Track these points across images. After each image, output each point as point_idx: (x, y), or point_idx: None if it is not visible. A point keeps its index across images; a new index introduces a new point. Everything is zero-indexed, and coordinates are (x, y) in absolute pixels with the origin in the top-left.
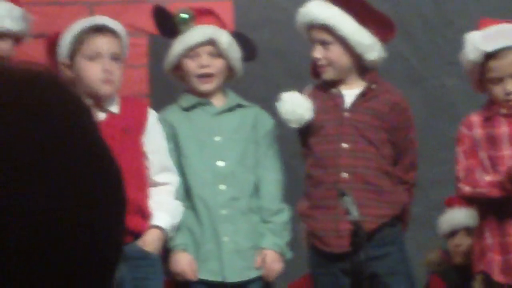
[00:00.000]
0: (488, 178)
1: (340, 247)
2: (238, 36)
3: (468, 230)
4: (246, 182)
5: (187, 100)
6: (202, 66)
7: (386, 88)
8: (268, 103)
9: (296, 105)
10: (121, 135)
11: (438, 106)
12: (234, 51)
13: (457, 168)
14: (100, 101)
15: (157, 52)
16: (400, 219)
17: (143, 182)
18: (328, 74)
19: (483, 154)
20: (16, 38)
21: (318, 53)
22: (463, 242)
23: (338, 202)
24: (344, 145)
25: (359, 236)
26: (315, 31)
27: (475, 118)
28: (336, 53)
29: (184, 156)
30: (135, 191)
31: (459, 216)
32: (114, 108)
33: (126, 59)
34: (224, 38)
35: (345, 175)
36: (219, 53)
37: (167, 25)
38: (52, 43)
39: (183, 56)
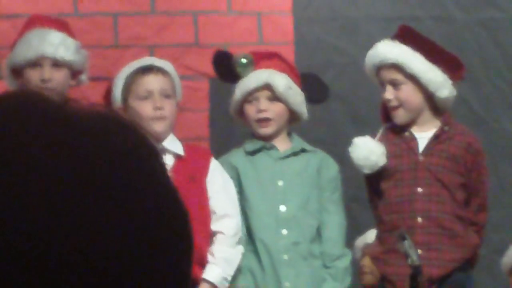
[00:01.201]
0: None
1: None
2: (308, 78)
3: None
4: (308, 227)
5: (252, 144)
6: (260, 111)
7: (460, 130)
8: (329, 147)
9: (370, 151)
10: (188, 182)
11: (500, 150)
12: (294, 95)
13: None
14: (157, 140)
15: (217, 96)
16: (470, 262)
17: (207, 230)
18: (400, 118)
19: None
20: (72, 71)
21: (389, 94)
22: None
23: (397, 245)
24: (419, 190)
25: (418, 281)
26: (385, 71)
27: None
28: (408, 92)
29: (247, 200)
30: (199, 239)
31: None
32: (180, 151)
33: (182, 100)
34: (280, 82)
35: (420, 219)
36: (276, 97)
37: (227, 70)
38: (108, 92)
39: (243, 101)
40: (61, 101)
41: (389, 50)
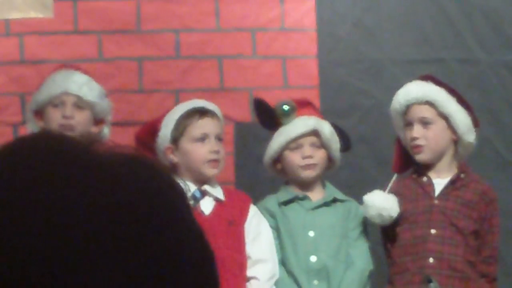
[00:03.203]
0: None
1: None
2: (334, 127)
3: None
4: (338, 276)
5: (285, 194)
6: (305, 157)
7: (475, 178)
8: (354, 189)
9: (380, 208)
10: (227, 226)
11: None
12: (335, 142)
13: None
14: (205, 182)
15: (242, 140)
16: None
17: (244, 275)
18: (424, 155)
19: None
20: (94, 116)
21: (418, 132)
22: None
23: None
24: (433, 231)
25: None
26: (416, 109)
27: None
28: (437, 131)
29: (282, 249)
30: (237, 283)
31: None
32: (220, 195)
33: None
34: (326, 129)
35: (431, 260)
36: (321, 144)
37: (268, 117)
38: (151, 130)
39: (285, 148)
40: (87, 143)
41: (423, 88)
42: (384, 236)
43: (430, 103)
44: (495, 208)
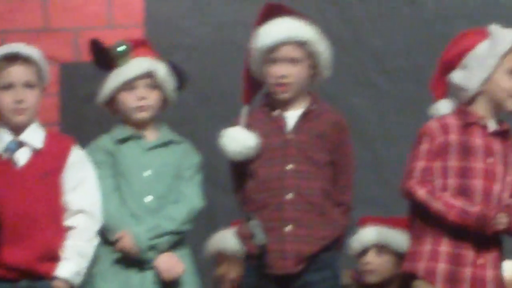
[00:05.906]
0: (456, 201)
1: (284, 269)
2: (171, 66)
3: (378, 248)
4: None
5: (121, 131)
6: (140, 99)
7: (326, 108)
8: (178, 127)
9: (243, 144)
10: (41, 179)
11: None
12: (170, 82)
13: (413, 164)
14: (18, 130)
15: (67, 81)
16: (337, 242)
17: (59, 227)
18: (289, 94)
19: (452, 163)
20: None
21: (285, 70)
22: (373, 260)
23: (246, 225)
24: (289, 167)
25: (265, 260)
26: (286, 48)
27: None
28: (302, 70)
29: (118, 188)
30: (49, 236)
31: (369, 234)
32: (38, 143)
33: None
34: (161, 70)
35: (290, 196)
36: (155, 85)
37: (103, 58)
38: None
39: (120, 89)
40: None
41: (294, 27)
42: (235, 173)
43: (299, 43)
44: (346, 136)
